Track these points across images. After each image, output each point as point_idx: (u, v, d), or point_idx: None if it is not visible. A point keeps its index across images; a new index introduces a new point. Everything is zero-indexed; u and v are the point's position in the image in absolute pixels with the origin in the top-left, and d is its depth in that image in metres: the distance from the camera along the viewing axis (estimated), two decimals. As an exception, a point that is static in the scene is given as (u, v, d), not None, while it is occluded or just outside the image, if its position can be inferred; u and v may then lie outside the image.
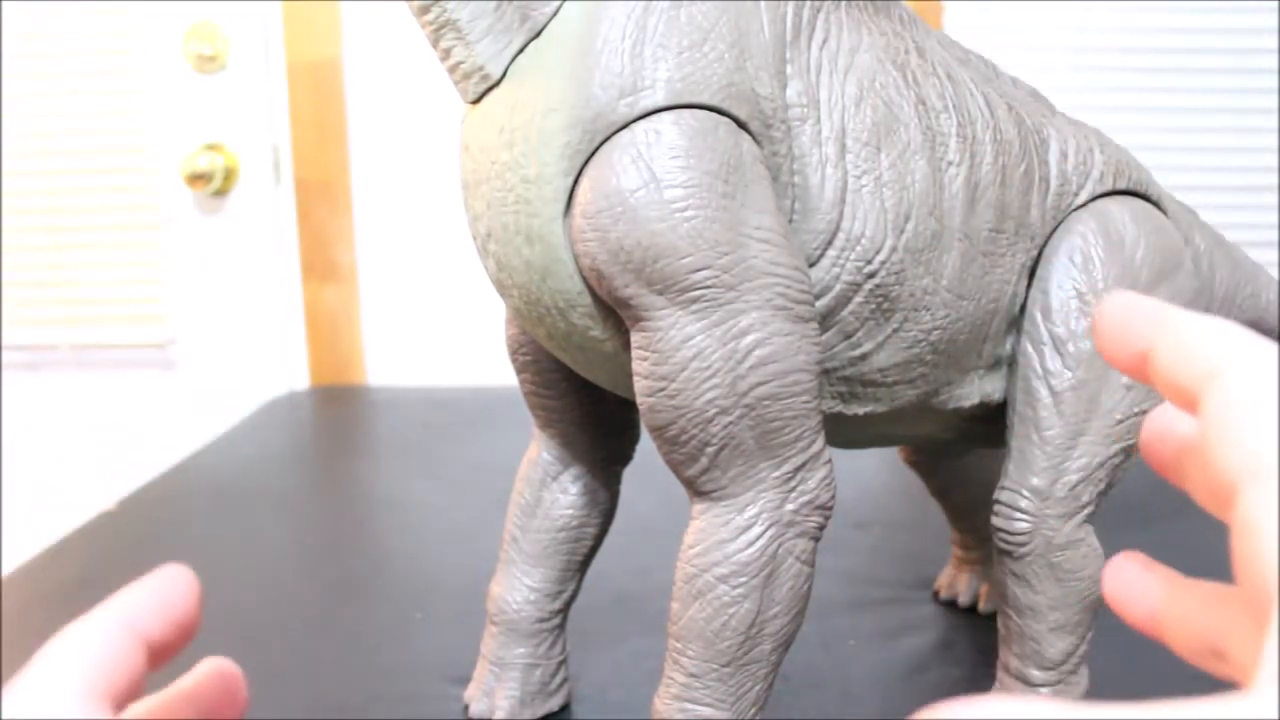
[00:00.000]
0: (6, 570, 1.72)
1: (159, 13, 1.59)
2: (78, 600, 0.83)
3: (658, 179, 0.44)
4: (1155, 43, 1.55)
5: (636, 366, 0.46)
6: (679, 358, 0.44)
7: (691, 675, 0.45)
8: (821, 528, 0.47)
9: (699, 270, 0.44)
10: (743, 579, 0.45)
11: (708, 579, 0.45)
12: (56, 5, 1.59)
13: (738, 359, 0.44)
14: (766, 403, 0.45)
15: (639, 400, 0.46)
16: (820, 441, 0.47)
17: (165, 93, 1.61)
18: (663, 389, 0.45)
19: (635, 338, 0.46)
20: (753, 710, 0.46)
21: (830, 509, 0.47)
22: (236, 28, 1.60)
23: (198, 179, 1.57)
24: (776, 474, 0.45)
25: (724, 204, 0.44)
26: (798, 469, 0.46)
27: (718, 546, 0.45)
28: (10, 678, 0.71)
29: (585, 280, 0.47)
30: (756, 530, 0.45)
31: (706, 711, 0.45)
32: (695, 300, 0.44)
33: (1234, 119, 1.56)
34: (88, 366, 1.68)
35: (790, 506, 0.45)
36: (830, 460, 0.47)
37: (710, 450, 0.45)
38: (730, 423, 0.44)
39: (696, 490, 0.46)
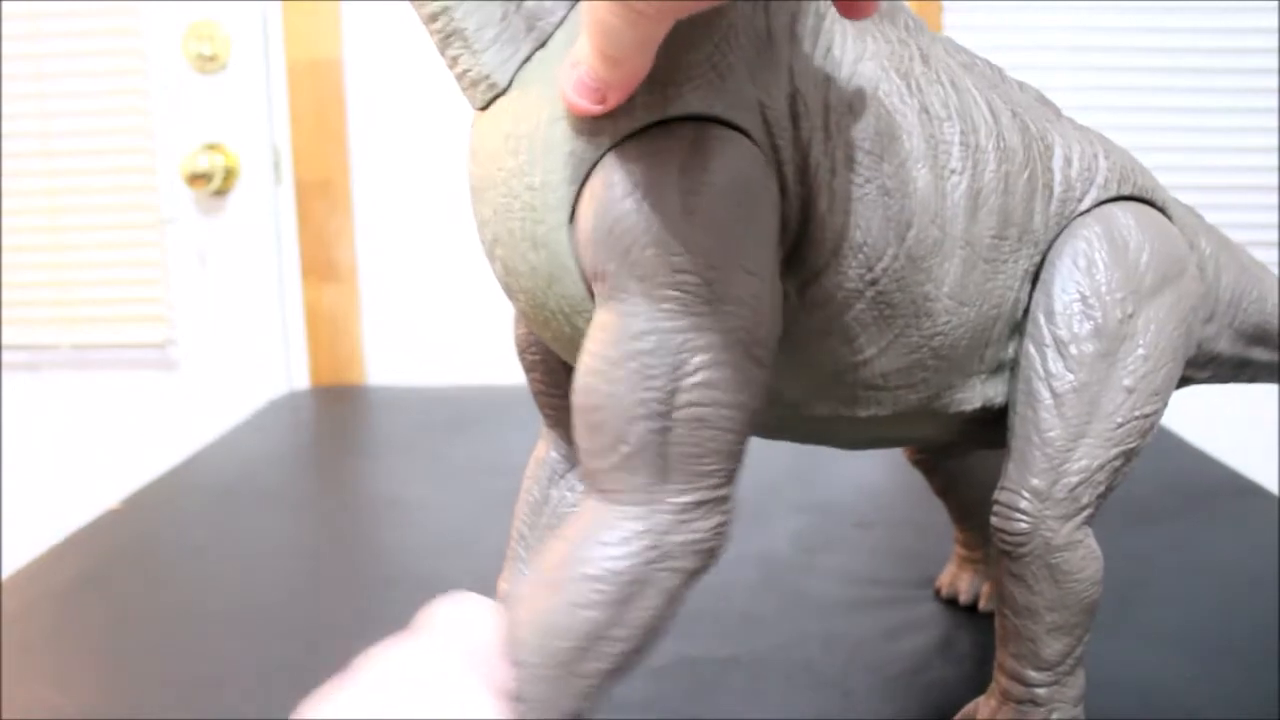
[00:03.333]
0: (7, 570, 1.72)
1: (159, 13, 1.59)
2: (79, 600, 0.83)
3: (672, 183, 0.43)
4: (1155, 43, 1.55)
5: (587, 342, 0.45)
6: (631, 347, 0.43)
7: (518, 662, 0.43)
8: (697, 573, 0.44)
9: (684, 273, 0.43)
10: (604, 588, 0.43)
11: (572, 573, 0.43)
12: (57, 5, 1.59)
13: (685, 372, 0.43)
14: (695, 425, 0.43)
15: (576, 375, 0.45)
16: (730, 489, 0.45)
17: (165, 93, 1.61)
18: (603, 371, 0.43)
19: (597, 314, 0.45)
20: None
21: (713, 559, 0.45)
22: (236, 28, 1.60)
23: (198, 179, 1.57)
24: (677, 500, 0.43)
25: (731, 223, 0.44)
26: (699, 504, 0.44)
27: (596, 545, 0.43)
28: (10, 678, 0.71)
29: (589, 286, 0.47)
30: (637, 546, 0.43)
31: (519, 705, 0.43)
32: (668, 300, 0.43)
33: (1234, 119, 1.56)
34: (88, 366, 1.68)
35: (677, 538, 0.43)
36: (731, 513, 0.46)
37: (624, 450, 0.43)
38: (653, 430, 0.43)
39: (596, 483, 0.45)
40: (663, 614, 0.44)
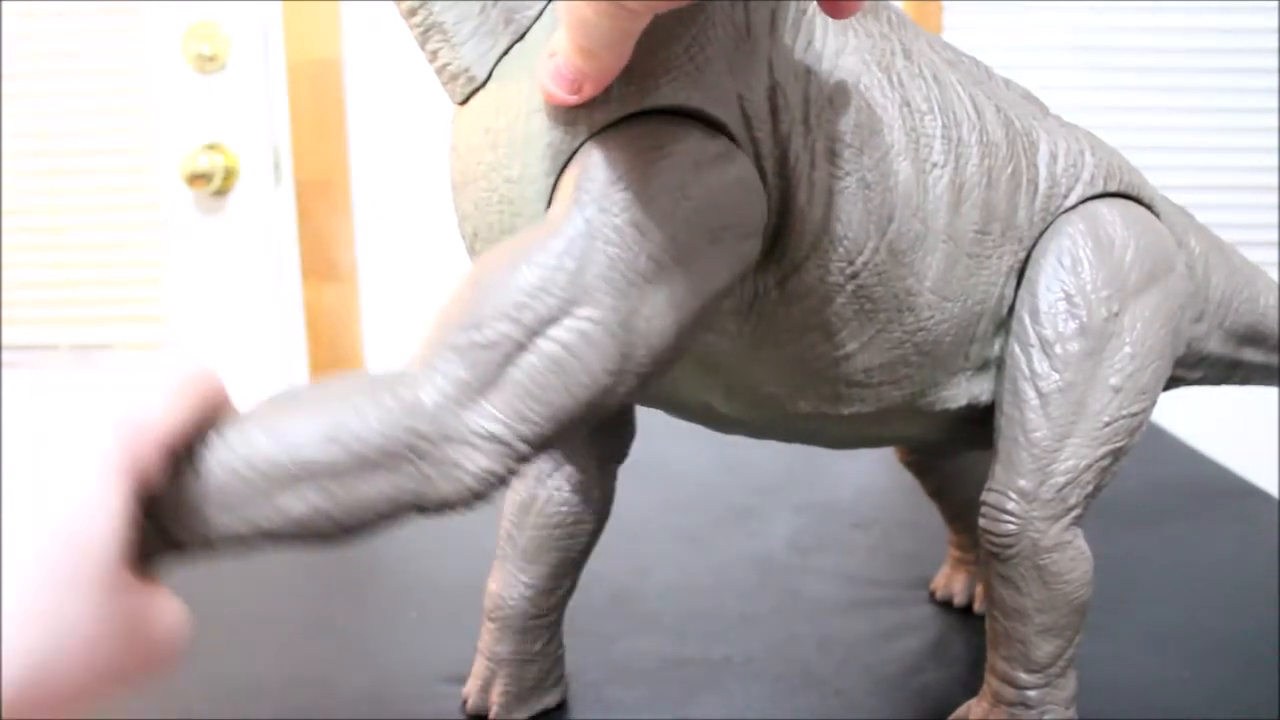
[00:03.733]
0: (7, 570, 1.72)
1: (159, 13, 1.60)
2: (74, 600, 0.83)
3: (685, 166, 0.43)
4: (1154, 43, 1.54)
5: (521, 233, 0.43)
6: (550, 258, 0.41)
7: (231, 448, 0.37)
8: (431, 503, 0.39)
9: (642, 236, 0.42)
10: (363, 436, 0.38)
11: (349, 403, 0.38)
12: (56, 5, 1.60)
13: (576, 313, 0.41)
14: (548, 364, 0.40)
15: (488, 251, 0.42)
16: (527, 453, 0.41)
17: (165, 93, 1.61)
18: (513, 260, 0.41)
19: (550, 210, 0.44)
20: (227, 541, 0.37)
21: (457, 502, 0.40)
22: (236, 28, 1.60)
23: (198, 179, 1.58)
24: (480, 421, 0.39)
25: (709, 235, 0.43)
26: (493, 438, 0.39)
27: (388, 396, 0.39)
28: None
29: None
30: (415, 424, 0.38)
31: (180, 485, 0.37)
32: (614, 246, 0.41)
33: (1233, 119, 1.56)
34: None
35: (451, 452, 0.39)
36: (507, 476, 0.41)
37: (474, 337, 0.40)
38: (512, 338, 0.40)
39: (426, 349, 0.40)
40: (373, 510, 0.38)
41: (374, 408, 0.38)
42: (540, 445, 0.41)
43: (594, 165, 0.43)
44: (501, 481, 0.40)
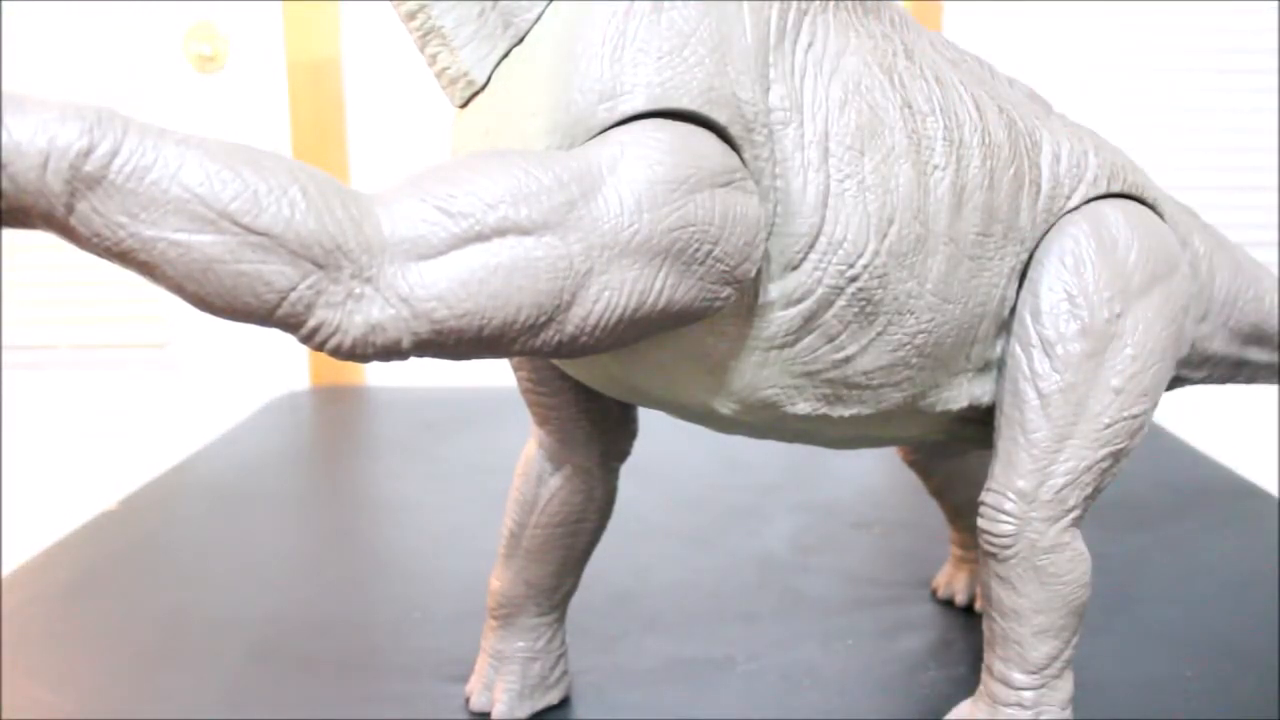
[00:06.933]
0: (6, 570, 1.72)
1: (159, 13, 1.60)
2: (78, 600, 0.83)
3: (709, 170, 0.44)
4: (1155, 43, 1.55)
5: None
6: (563, 177, 0.42)
7: (144, 151, 0.37)
8: (316, 334, 0.39)
9: (639, 211, 0.43)
10: (282, 217, 0.38)
11: (296, 183, 0.38)
12: (56, 5, 1.60)
13: (543, 236, 0.41)
14: (496, 264, 0.40)
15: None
16: (421, 338, 0.40)
17: (165, 93, 1.61)
18: (522, 161, 0.42)
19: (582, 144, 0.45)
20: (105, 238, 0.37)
21: (343, 344, 0.39)
22: (236, 28, 1.60)
23: (198, 179, 1.57)
24: (403, 284, 0.39)
25: (699, 233, 0.44)
26: (405, 303, 0.39)
27: (339, 205, 0.39)
28: (9, 677, 0.71)
29: None
30: (349, 240, 0.38)
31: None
32: (611, 200, 0.43)
33: (1234, 119, 1.56)
34: (88, 366, 1.68)
35: (359, 289, 0.38)
36: (382, 352, 0.40)
37: (442, 204, 0.40)
38: (473, 224, 0.40)
39: (400, 189, 0.41)
40: (250, 290, 0.37)
41: (307, 216, 0.38)
42: (439, 341, 0.40)
43: (618, 135, 0.43)
44: (378, 351, 0.39)
